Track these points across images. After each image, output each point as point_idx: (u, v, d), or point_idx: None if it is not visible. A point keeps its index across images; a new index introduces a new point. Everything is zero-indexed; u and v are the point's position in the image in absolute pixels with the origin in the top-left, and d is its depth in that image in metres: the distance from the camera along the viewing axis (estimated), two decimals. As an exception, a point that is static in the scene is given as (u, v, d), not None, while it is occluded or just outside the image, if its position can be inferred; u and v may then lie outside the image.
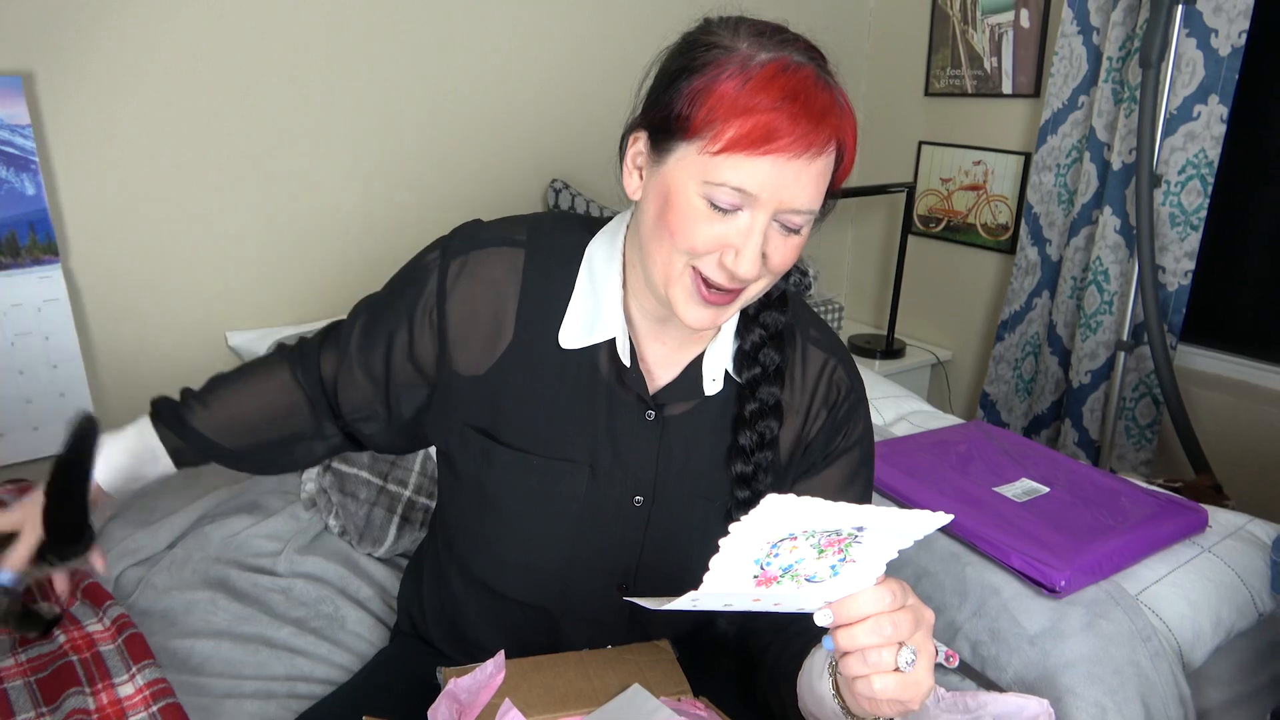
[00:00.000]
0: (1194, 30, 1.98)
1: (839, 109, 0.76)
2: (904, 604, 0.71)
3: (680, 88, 0.77)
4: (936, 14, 2.63)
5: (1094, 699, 1.15)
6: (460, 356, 0.91)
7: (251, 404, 1.00)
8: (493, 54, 2.11)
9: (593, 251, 0.91)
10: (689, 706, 0.92)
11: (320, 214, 1.97)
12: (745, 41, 0.76)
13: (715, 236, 0.77)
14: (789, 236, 0.79)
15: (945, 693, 1.16)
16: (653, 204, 0.80)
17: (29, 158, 1.58)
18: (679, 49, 0.80)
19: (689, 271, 0.80)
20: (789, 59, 0.75)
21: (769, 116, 0.72)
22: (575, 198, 2.22)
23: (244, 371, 1.03)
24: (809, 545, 0.66)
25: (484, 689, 0.86)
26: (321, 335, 1.01)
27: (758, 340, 0.90)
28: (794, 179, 0.75)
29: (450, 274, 0.90)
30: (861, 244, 3.04)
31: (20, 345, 1.63)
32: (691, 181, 0.76)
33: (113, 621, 1.12)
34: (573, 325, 0.89)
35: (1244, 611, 1.34)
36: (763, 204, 0.75)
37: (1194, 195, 2.06)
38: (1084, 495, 1.47)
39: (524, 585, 0.97)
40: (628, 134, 0.84)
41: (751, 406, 0.90)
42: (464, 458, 0.94)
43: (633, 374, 0.89)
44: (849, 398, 0.96)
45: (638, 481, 0.92)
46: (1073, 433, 2.37)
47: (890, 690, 0.69)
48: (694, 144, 0.76)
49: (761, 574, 0.67)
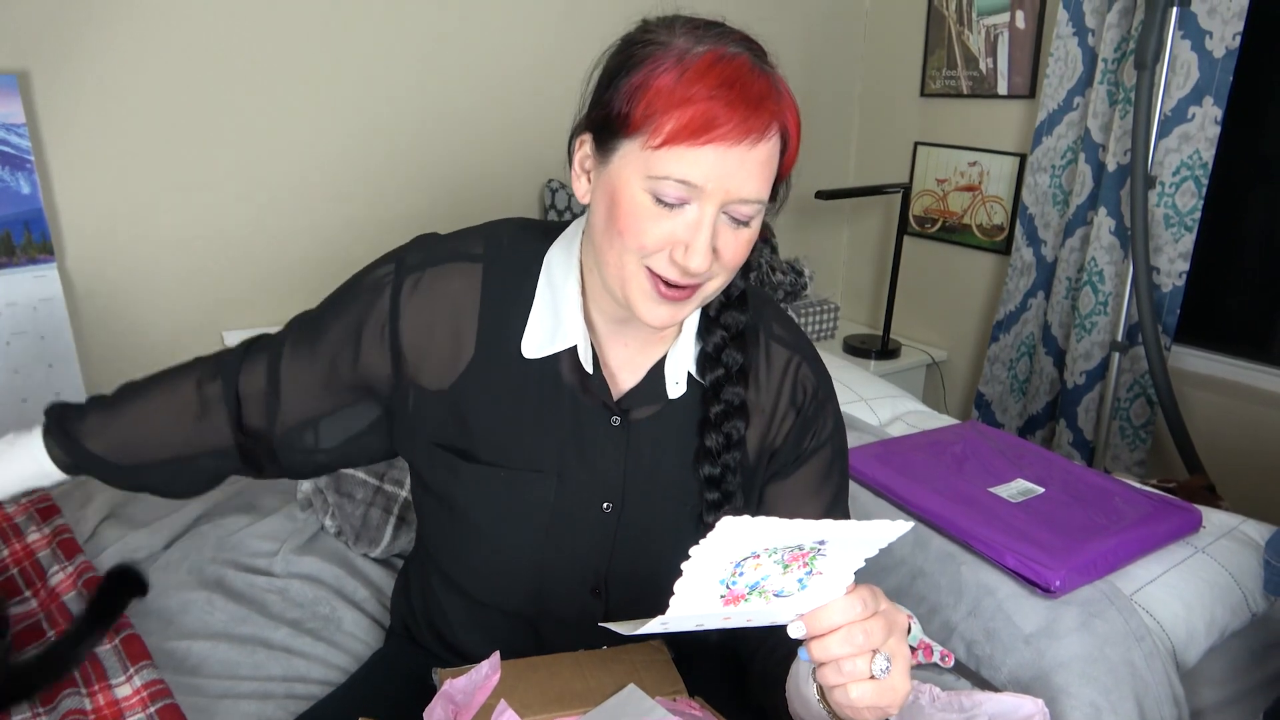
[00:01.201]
0: (1189, 32, 1.99)
1: (777, 94, 0.76)
2: (876, 610, 0.70)
3: (619, 86, 0.77)
4: (932, 15, 2.63)
5: (1088, 698, 1.16)
6: (423, 372, 0.90)
7: (152, 419, 0.96)
8: (489, 55, 2.11)
9: (551, 259, 0.90)
10: (684, 706, 0.92)
11: (316, 214, 1.96)
12: (681, 36, 0.76)
13: (664, 233, 0.77)
14: (739, 229, 0.79)
15: (940, 692, 1.16)
16: (601, 205, 0.80)
17: (24, 157, 1.57)
18: (618, 49, 0.80)
19: (643, 271, 0.79)
20: (724, 49, 0.75)
21: (706, 105, 0.73)
22: (572, 198, 2.22)
23: (152, 381, 0.99)
24: (773, 562, 0.66)
25: (479, 689, 0.86)
26: (243, 349, 0.97)
27: (719, 341, 0.90)
28: (737, 167, 0.74)
29: (404, 291, 0.89)
30: (857, 244, 3.05)
31: (15, 345, 1.63)
32: (636, 178, 0.76)
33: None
34: (534, 334, 0.89)
35: (1237, 612, 1.35)
36: (709, 195, 0.75)
37: (1188, 196, 2.07)
38: (1079, 495, 1.48)
39: (499, 593, 0.97)
40: (574, 137, 0.84)
41: (716, 408, 0.89)
42: (431, 474, 0.93)
43: (596, 381, 0.89)
44: (816, 396, 0.96)
45: (606, 488, 0.92)
46: (1067, 433, 2.38)
47: (867, 698, 0.70)
48: (636, 140, 0.76)
49: (729, 593, 0.67)
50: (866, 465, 1.57)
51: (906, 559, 1.40)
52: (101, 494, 1.48)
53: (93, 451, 0.96)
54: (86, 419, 0.97)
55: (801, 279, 2.54)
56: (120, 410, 0.97)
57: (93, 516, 1.40)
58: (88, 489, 1.52)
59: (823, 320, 2.74)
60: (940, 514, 1.41)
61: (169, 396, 0.97)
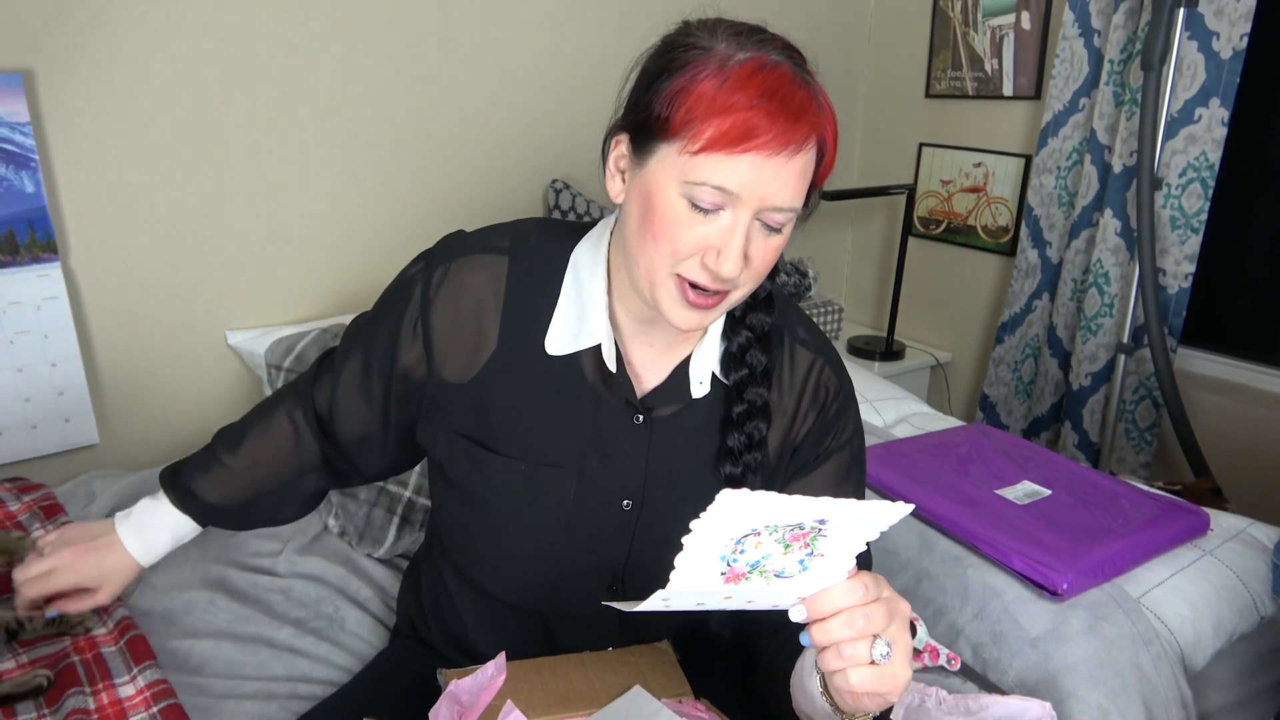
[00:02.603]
0: (1195, 33, 1.98)
1: (817, 106, 0.77)
2: (877, 597, 0.71)
3: (659, 89, 0.77)
4: (937, 16, 2.63)
5: (1096, 702, 1.15)
6: (446, 364, 0.91)
7: (259, 457, 1.03)
8: (493, 54, 2.11)
9: (577, 257, 0.91)
10: (690, 708, 0.91)
11: (320, 213, 1.96)
12: (723, 42, 0.76)
13: (698, 238, 0.77)
14: (770, 236, 0.79)
15: (947, 695, 1.15)
16: (635, 207, 0.80)
17: (29, 155, 1.57)
18: (658, 51, 0.81)
19: (673, 277, 0.80)
20: (766, 57, 0.75)
21: (747, 114, 0.73)
22: (575, 198, 2.22)
23: (249, 421, 1.04)
24: (773, 540, 0.66)
25: (485, 690, 0.86)
26: (316, 367, 1.03)
27: (744, 342, 0.90)
28: (774, 176, 0.75)
29: (434, 283, 0.91)
30: (861, 245, 3.04)
31: (19, 344, 1.62)
32: (673, 182, 0.76)
33: (116, 624, 1.12)
34: (558, 331, 0.89)
35: (1245, 615, 1.34)
36: (744, 203, 0.75)
37: (1194, 198, 2.06)
38: (1085, 498, 1.47)
39: (514, 589, 0.97)
40: (610, 137, 0.84)
41: (739, 408, 0.90)
42: (452, 464, 0.94)
43: (619, 379, 0.89)
44: (838, 397, 0.96)
45: (626, 485, 0.92)
46: (1072, 435, 2.37)
47: (867, 683, 0.70)
48: (674, 144, 0.76)
49: (729, 571, 0.67)
50: (871, 467, 1.56)
51: (912, 561, 1.39)
52: (104, 492, 1.48)
53: (212, 503, 1.02)
54: (196, 478, 1.02)
55: (806, 280, 2.54)
56: (225, 460, 1.03)
57: (96, 515, 1.40)
58: (90, 487, 1.51)
59: (827, 321, 2.74)
60: (946, 516, 1.41)
61: (267, 434, 1.03)
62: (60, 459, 1.73)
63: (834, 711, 0.76)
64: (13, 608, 1.03)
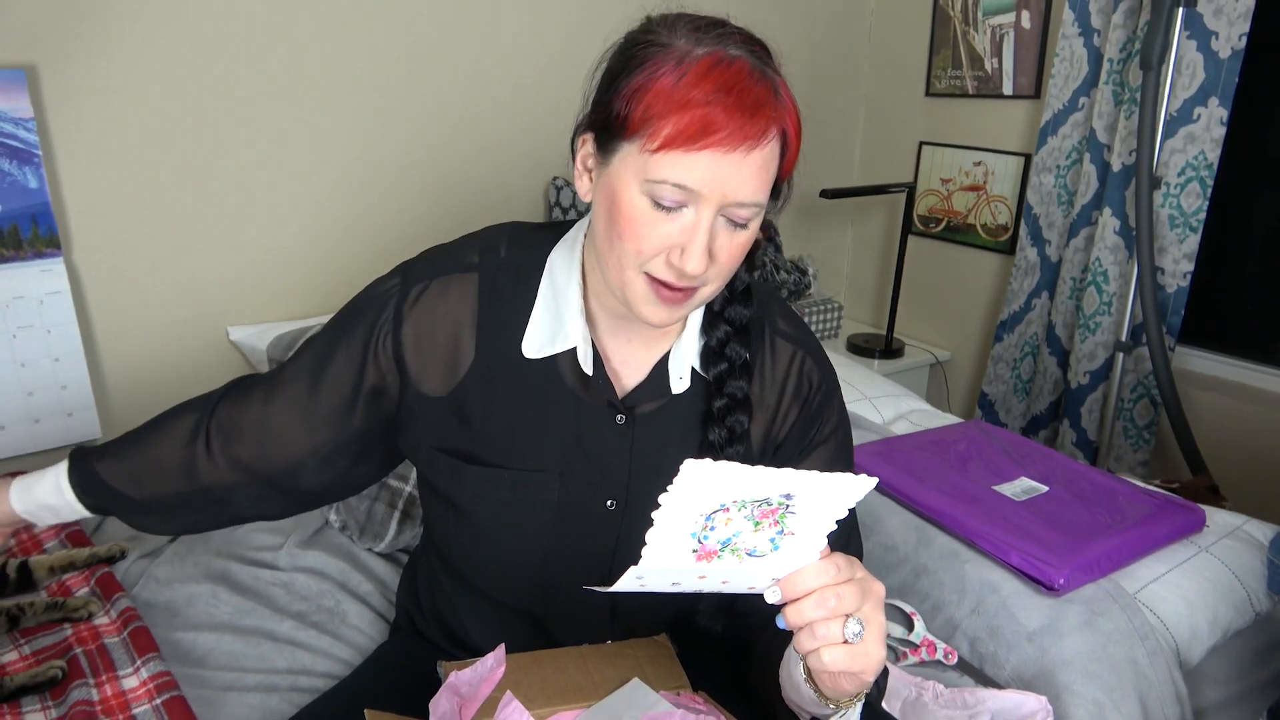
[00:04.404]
0: (1194, 32, 1.98)
1: (776, 99, 0.76)
2: (850, 577, 0.71)
3: (619, 87, 0.77)
4: (938, 15, 2.63)
5: (1091, 696, 1.16)
6: (423, 379, 0.91)
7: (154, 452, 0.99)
8: (495, 52, 2.11)
9: (554, 260, 0.91)
10: (688, 701, 0.92)
11: (322, 210, 1.97)
12: (682, 37, 0.76)
13: (662, 237, 0.77)
14: (736, 232, 0.79)
15: (944, 689, 1.16)
16: (602, 206, 0.80)
17: (32, 151, 1.58)
18: (620, 48, 0.80)
19: (642, 277, 0.80)
20: (724, 52, 0.75)
21: (704, 110, 0.72)
22: (575, 196, 2.23)
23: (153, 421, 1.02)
24: (743, 517, 0.66)
25: (484, 683, 0.86)
26: (226, 388, 0.99)
27: (723, 336, 0.90)
28: (734, 172, 0.74)
29: (409, 300, 0.90)
30: (861, 243, 3.05)
31: (22, 338, 1.63)
32: (635, 181, 0.76)
33: (119, 614, 1.13)
34: (535, 335, 0.89)
35: (1241, 611, 1.35)
36: (706, 199, 0.75)
37: (1193, 197, 2.07)
38: (1083, 494, 1.48)
39: (505, 589, 0.98)
40: (576, 136, 0.84)
41: (719, 402, 0.90)
42: (435, 477, 0.94)
43: (598, 380, 0.90)
44: (821, 389, 0.96)
45: (610, 485, 0.92)
46: (1071, 433, 2.38)
47: (840, 662, 0.70)
48: (634, 143, 0.76)
49: (700, 548, 0.68)
50: (870, 463, 1.57)
51: (910, 556, 1.40)
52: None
53: (108, 482, 0.99)
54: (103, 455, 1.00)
55: (805, 278, 2.54)
56: (124, 450, 1.00)
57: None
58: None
59: (827, 319, 2.74)
60: (944, 512, 1.42)
61: (169, 432, 0.99)
62: (63, 453, 1.72)
63: (818, 698, 0.77)
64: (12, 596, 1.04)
